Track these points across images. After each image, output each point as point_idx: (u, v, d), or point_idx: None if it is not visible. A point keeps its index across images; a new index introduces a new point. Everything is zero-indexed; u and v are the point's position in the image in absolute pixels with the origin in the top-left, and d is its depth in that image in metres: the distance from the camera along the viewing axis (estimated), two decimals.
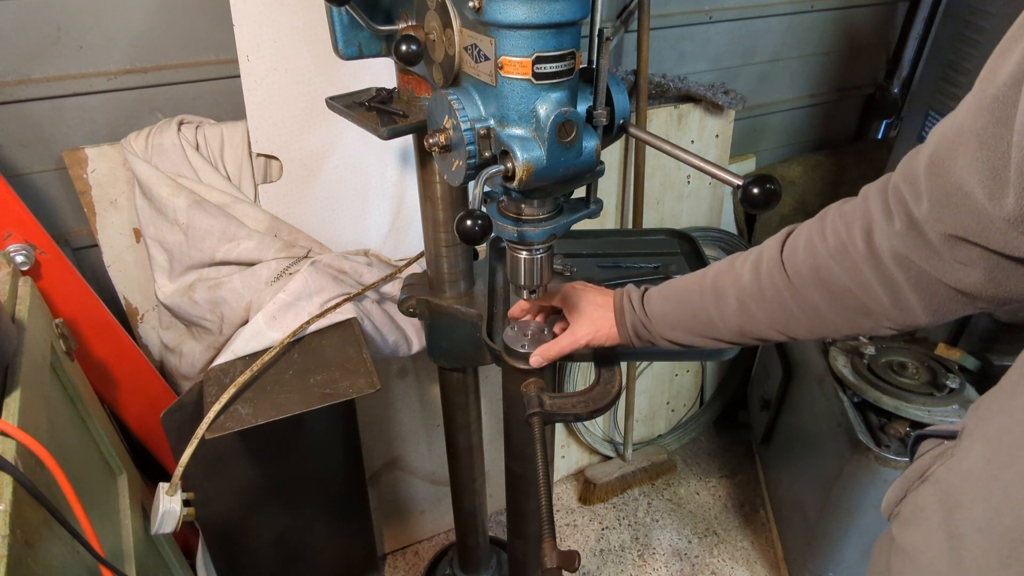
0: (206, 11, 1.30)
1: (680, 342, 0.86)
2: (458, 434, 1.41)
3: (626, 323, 0.89)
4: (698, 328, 0.82)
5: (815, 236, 0.68)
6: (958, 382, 1.53)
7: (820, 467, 1.71)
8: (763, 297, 0.73)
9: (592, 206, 0.89)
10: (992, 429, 0.58)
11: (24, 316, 0.97)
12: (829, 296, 0.67)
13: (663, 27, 1.81)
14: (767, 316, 0.73)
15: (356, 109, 1.01)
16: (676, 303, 0.84)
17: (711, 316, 0.79)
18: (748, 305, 0.75)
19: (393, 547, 2.06)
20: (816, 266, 0.67)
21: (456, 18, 0.76)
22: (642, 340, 0.89)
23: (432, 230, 1.15)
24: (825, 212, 0.69)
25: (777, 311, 0.72)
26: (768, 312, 0.73)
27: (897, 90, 2.32)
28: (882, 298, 0.63)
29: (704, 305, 0.80)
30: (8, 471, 0.71)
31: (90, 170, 1.30)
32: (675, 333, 0.85)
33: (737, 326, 0.77)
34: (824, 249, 0.66)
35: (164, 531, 1.04)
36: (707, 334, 0.82)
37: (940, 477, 0.64)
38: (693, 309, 0.81)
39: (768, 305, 0.73)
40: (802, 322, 0.71)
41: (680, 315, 0.83)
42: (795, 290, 0.69)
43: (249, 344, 1.18)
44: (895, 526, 0.70)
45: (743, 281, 0.75)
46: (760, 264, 0.73)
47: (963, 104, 0.53)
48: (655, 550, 2.07)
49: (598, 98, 0.78)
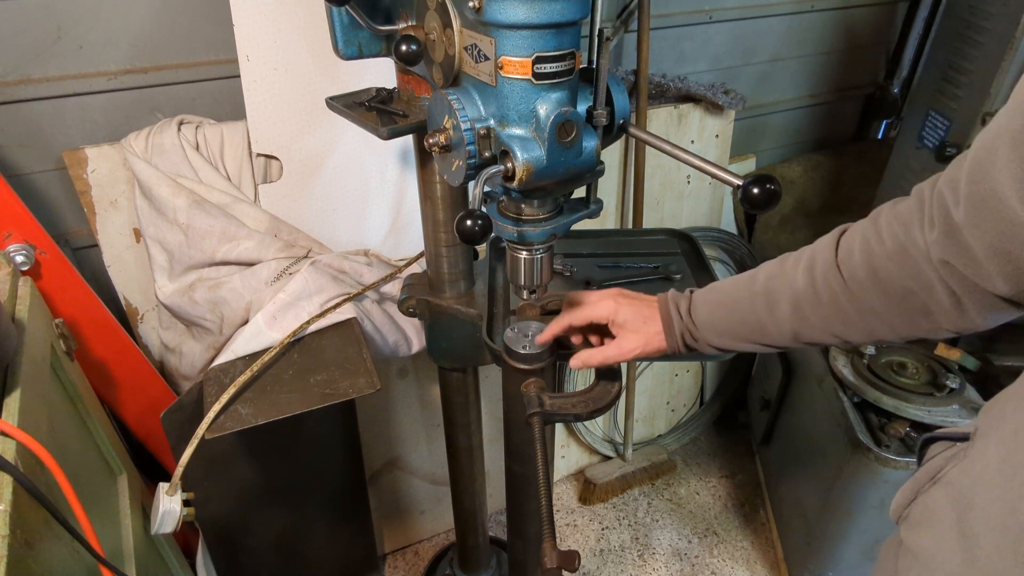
0: (206, 11, 1.30)
1: (728, 348, 0.84)
2: (458, 434, 1.41)
3: (674, 331, 0.86)
4: (748, 334, 0.80)
5: (871, 238, 0.66)
6: (958, 382, 1.53)
7: (820, 467, 1.71)
8: (819, 301, 0.71)
9: (592, 206, 0.88)
10: (1007, 429, 0.58)
11: (24, 316, 0.97)
12: (887, 298, 0.66)
13: (663, 27, 1.81)
14: (822, 320, 0.72)
15: (356, 109, 1.01)
16: (726, 310, 0.82)
17: (762, 321, 0.77)
18: (803, 310, 0.73)
19: (393, 547, 2.06)
20: (874, 268, 0.66)
21: (456, 18, 0.76)
22: (690, 348, 0.87)
23: (432, 230, 1.15)
24: (878, 213, 0.68)
25: (833, 315, 0.71)
26: (824, 316, 0.72)
27: (897, 90, 2.32)
28: (943, 299, 0.62)
29: (755, 311, 0.78)
30: (8, 471, 0.71)
31: (90, 170, 1.30)
32: (724, 340, 0.83)
33: (791, 331, 0.76)
34: (882, 251, 0.65)
35: (164, 531, 1.04)
36: (759, 340, 0.80)
37: (952, 479, 0.64)
38: (743, 315, 0.79)
39: (824, 309, 0.71)
40: (859, 325, 0.70)
41: (730, 322, 0.81)
42: (852, 293, 0.68)
43: (249, 344, 1.18)
44: (904, 529, 0.70)
45: (797, 285, 0.73)
46: (814, 267, 0.72)
47: (1004, 108, 0.52)
48: (655, 550, 2.07)
49: (598, 98, 0.78)
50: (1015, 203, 0.50)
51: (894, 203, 0.67)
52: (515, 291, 0.94)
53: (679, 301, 0.87)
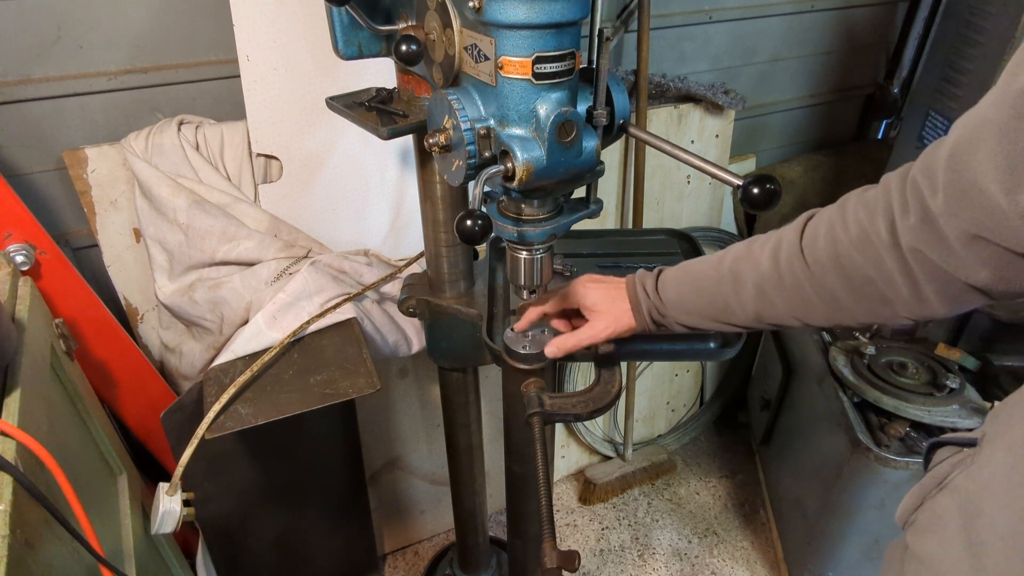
0: (206, 11, 1.30)
1: (695, 326, 0.86)
2: (458, 434, 1.41)
3: (642, 309, 0.88)
4: (714, 313, 0.82)
5: (836, 224, 0.67)
6: (958, 382, 1.53)
7: (820, 467, 1.71)
8: (782, 284, 0.73)
9: (592, 206, 0.89)
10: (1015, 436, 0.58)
11: (24, 316, 0.97)
12: (849, 284, 0.67)
13: (663, 27, 1.81)
14: (785, 303, 0.74)
15: (356, 109, 1.01)
16: (692, 288, 0.84)
17: (728, 302, 0.79)
18: (767, 292, 0.75)
19: (393, 547, 2.06)
20: (837, 254, 0.66)
21: (456, 18, 0.76)
22: (658, 325, 0.89)
23: (432, 230, 1.15)
24: (845, 200, 0.68)
25: (796, 298, 0.72)
26: (786, 299, 0.73)
27: (897, 90, 2.32)
28: (901, 289, 0.63)
29: (721, 291, 0.79)
30: (8, 471, 0.71)
31: (90, 170, 1.30)
32: (691, 318, 0.85)
33: (754, 311, 0.77)
34: (846, 238, 0.65)
35: (164, 531, 1.04)
36: (723, 319, 0.82)
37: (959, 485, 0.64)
38: (710, 295, 0.81)
39: (787, 292, 0.73)
40: (820, 309, 0.71)
41: (696, 301, 0.83)
42: (815, 278, 0.69)
43: (249, 344, 1.18)
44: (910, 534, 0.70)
45: (762, 267, 0.75)
46: (779, 251, 0.73)
47: (986, 97, 0.52)
48: (655, 550, 2.07)
49: (598, 98, 0.78)
50: (998, 194, 0.49)
51: (862, 191, 0.67)
52: (515, 291, 0.94)
53: (646, 280, 0.89)
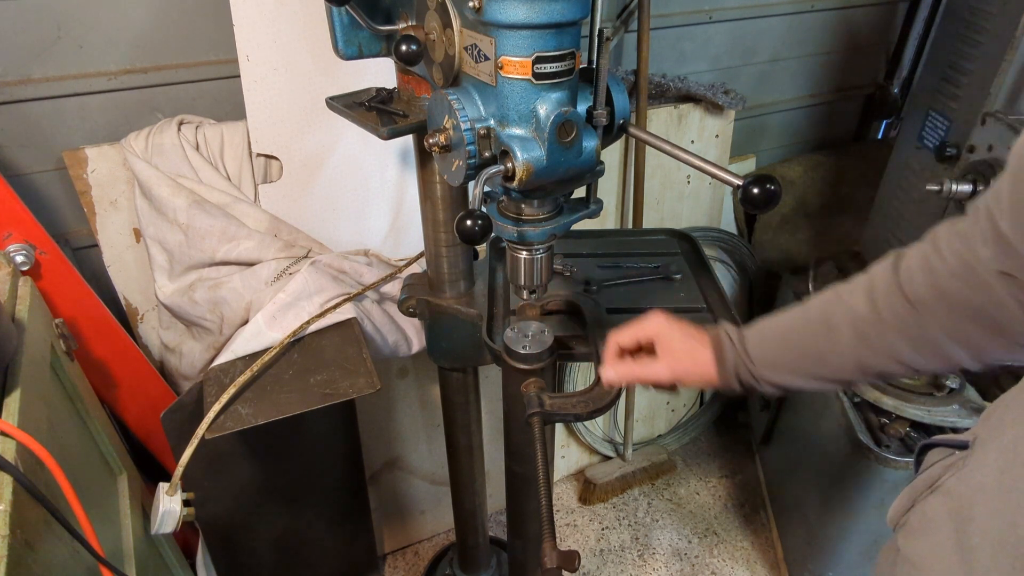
0: (206, 11, 1.30)
1: (787, 385, 0.78)
2: (458, 434, 1.41)
3: (726, 362, 0.80)
4: (807, 367, 0.75)
5: (931, 257, 0.64)
6: (958, 382, 1.53)
7: (820, 467, 1.71)
8: (884, 326, 0.67)
9: (592, 206, 0.89)
10: (1007, 439, 0.57)
11: (24, 316, 0.97)
12: (957, 317, 0.63)
13: (663, 27, 1.81)
14: (889, 346, 0.68)
15: (356, 109, 1.01)
16: (780, 341, 0.77)
17: (821, 351, 0.73)
18: (867, 335, 0.69)
19: (393, 547, 2.06)
20: (939, 287, 0.63)
21: (456, 18, 0.76)
22: (744, 384, 0.81)
23: (432, 230, 1.15)
24: (935, 233, 0.66)
25: (901, 339, 0.67)
26: (890, 342, 0.68)
27: (897, 90, 2.32)
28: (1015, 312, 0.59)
29: (813, 339, 0.73)
30: (8, 471, 0.71)
31: (90, 170, 1.30)
32: (782, 376, 0.77)
33: (855, 360, 0.71)
34: (945, 269, 0.63)
35: (164, 531, 1.04)
36: (818, 373, 0.74)
37: (951, 488, 0.63)
38: (801, 347, 0.74)
39: (890, 334, 0.67)
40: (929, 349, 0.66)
41: (786, 355, 0.76)
42: (919, 315, 0.65)
43: (249, 344, 1.18)
44: (901, 536, 0.69)
45: (858, 311, 0.69)
46: (874, 291, 0.69)
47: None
48: (655, 550, 2.07)
49: (598, 98, 0.78)
50: None
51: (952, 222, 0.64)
52: (515, 291, 0.95)
53: (731, 331, 0.82)
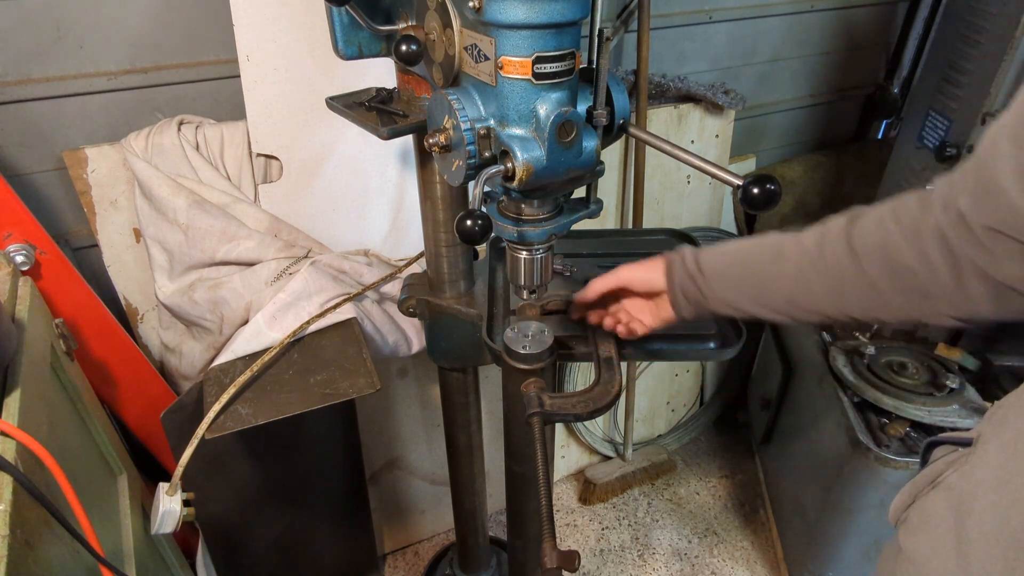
0: (206, 11, 1.30)
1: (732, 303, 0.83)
2: (458, 434, 1.41)
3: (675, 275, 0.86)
4: (751, 289, 0.79)
5: (887, 216, 0.68)
6: (958, 382, 1.53)
7: (820, 467, 1.71)
8: (824, 266, 0.71)
9: (592, 206, 0.89)
10: (1008, 435, 0.58)
11: (24, 316, 0.97)
12: (892, 273, 0.66)
13: (663, 27, 1.81)
14: (824, 288, 0.72)
15: (356, 109, 1.01)
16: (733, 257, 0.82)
17: (767, 277, 0.77)
18: (806, 272, 0.73)
19: (393, 547, 2.06)
20: (884, 243, 0.66)
21: (456, 18, 0.76)
22: (688, 297, 0.86)
23: (432, 230, 1.15)
24: (898, 197, 0.69)
25: (835, 283, 0.71)
26: (826, 283, 0.72)
27: (897, 90, 2.32)
28: (946, 282, 0.62)
29: (763, 265, 0.77)
30: (8, 471, 0.71)
31: (90, 170, 1.30)
32: (727, 291, 0.82)
33: (788, 293, 0.76)
34: (896, 228, 0.66)
35: (164, 531, 1.04)
36: (760, 299, 0.79)
37: (952, 484, 0.64)
38: (751, 268, 0.79)
39: (827, 275, 0.71)
40: (857, 298, 0.70)
41: (736, 271, 0.81)
42: (857, 264, 0.69)
43: (249, 344, 1.18)
44: (902, 533, 0.70)
45: (806, 247, 0.73)
46: (826, 235, 0.72)
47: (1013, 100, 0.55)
48: (655, 550, 2.07)
49: (598, 98, 0.78)
50: (1015, 194, 0.53)
51: (916, 191, 0.67)
52: (515, 291, 0.95)
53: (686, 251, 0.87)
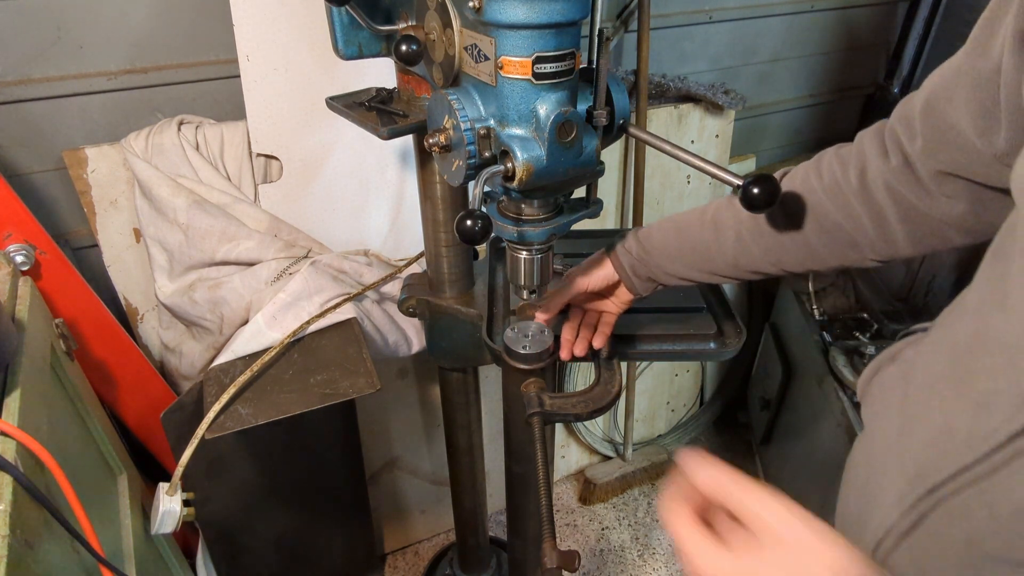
0: (206, 11, 1.29)
1: (679, 275, 0.88)
2: (458, 434, 1.41)
3: (621, 261, 0.91)
4: (696, 261, 0.84)
5: (811, 175, 0.73)
6: None
7: (820, 467, 1.71)
8: (760, 232, 0.77)
9: (592, 206, 0.88)
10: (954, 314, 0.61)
11: (24, 316, 0.97)
12: (820, 230, 0.72)
13: (663, 27, 1.80)
14: (761, 250, 0.78)
15: (356, 109, 1.01)
16: (675, 235, 0.86)
17: (709, 249, 0.82)
18: (744, 238, 0.79)
19: (393, 547, 2.06)
20: (810, 203, 0.72)
21: (456, 18, 0.76)
22: (640, 277, 0.90)
23: (432, 230, 1.15)
24: (821, 154, 0.74)
25: (772, 245, 0.77)
26: (763, 246, 0.78)
27: (897, 90, 2.31)
28: (869, 230, 0.69)
29: (703, 238, 0.82)
30: (8, 471, 0.71)
31: (90, 170, 1.30)
32: (674, 265, 0.87)
33: (732, 258, 0.81)
34: (819, 186, 0.71)
35: (164, 531, 1.04)
36: (705, 267, 0.84)
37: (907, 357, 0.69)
38: (693, 241, 0.84)
39: (764, 239, 0.77)
40: (793, 254, 0.76)
41: (680, 246, 0.86)
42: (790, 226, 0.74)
43: (249, 344, 1.18)
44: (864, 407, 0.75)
45: (741, 215, 0.78)
46: None
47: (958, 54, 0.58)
48: (655, 550, 2.07)
49: (598, 98, 0.78)
50: (972, 136, 0.56)
51: (837, 147, 0.72)
52: (515, 291, 0.94)
53: (627, 235, 0.92)
